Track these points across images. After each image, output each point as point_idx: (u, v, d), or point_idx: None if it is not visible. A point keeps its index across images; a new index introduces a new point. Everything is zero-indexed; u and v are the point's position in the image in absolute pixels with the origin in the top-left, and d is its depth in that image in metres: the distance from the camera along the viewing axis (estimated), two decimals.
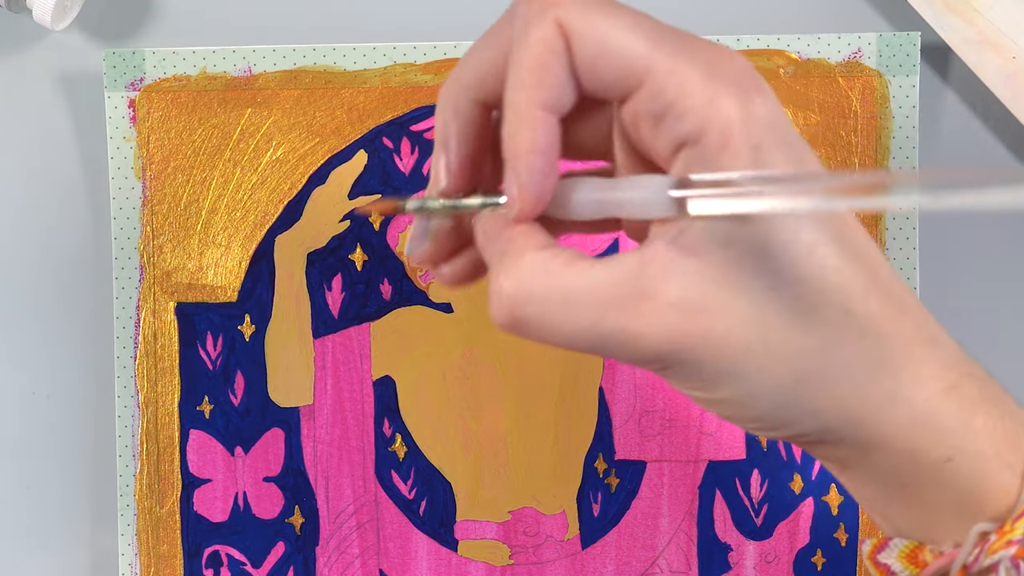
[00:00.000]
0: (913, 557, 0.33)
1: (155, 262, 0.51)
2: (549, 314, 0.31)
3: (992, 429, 0.31)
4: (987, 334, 0.51)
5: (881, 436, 0.32)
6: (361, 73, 0.50)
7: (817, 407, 0.31)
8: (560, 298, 0.31)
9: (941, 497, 0.32)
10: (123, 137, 0.51)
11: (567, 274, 0.31)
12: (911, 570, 0.33)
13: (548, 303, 0.31)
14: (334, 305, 0.51)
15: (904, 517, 0.33)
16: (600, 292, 0.30)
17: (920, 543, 0.33)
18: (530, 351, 0.51)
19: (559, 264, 0.31)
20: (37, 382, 0.53)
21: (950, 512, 0.32)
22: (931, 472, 0.32)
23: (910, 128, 0.49)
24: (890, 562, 0.34)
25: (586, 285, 0.31)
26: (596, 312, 0.30)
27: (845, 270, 0.31)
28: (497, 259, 0.32)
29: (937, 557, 0.32)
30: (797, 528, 0.50)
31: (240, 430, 0.51)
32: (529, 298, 0.31)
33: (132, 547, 0.51)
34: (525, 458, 0.51)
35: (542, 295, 0.31)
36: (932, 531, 0.33)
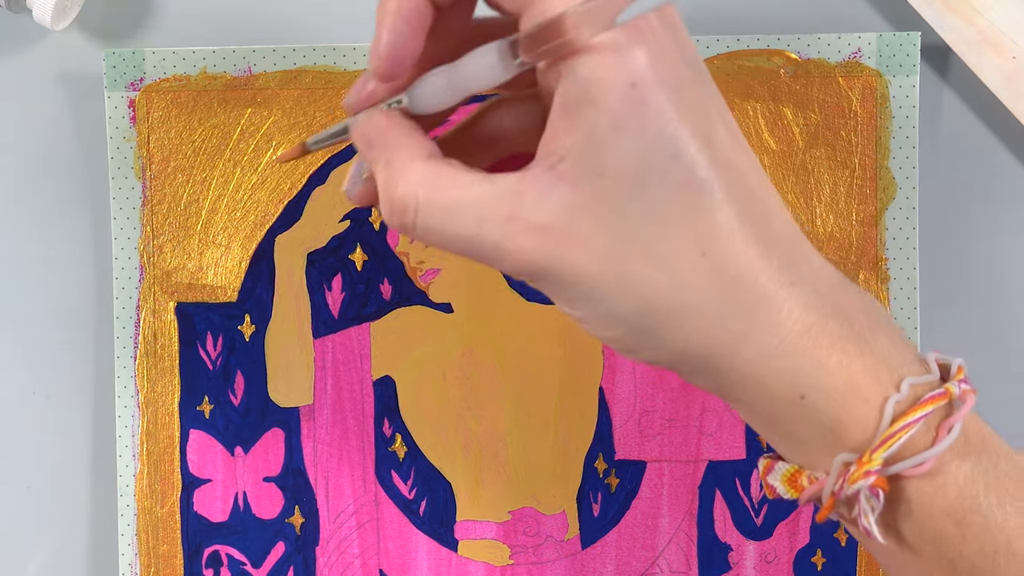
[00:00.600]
0: (793, 481, 0.35)
1: (155, 262, 0.51)
2: (433, 223, 0.33)
3: (848, 367, 0.33)
4: (987, 333, 0.51)
5: (734, 373, 0.33)
6: (361, 73, 0.50)
7: (668, 339, 0.33)
8: (443, 209, 0.33)
9: (803, 430, 0.33)
10: (123, 137, 0.51)
11: (451, 187, 0.33)
12: (791, 493, 0.35)
13: (432, 213, 0.33)
14: (334, 305, 0.51)
15: (779, 444, 0.35)
16: (478, 207, 0.33)
17: (800, 468, 0.35)
18: (530, 351, 0.51)
19: (445, 178, 0.33)
20: (37, 382, 0.53)
21: (816, 444, 0.34)
22: (788, 407, 0.33)
23: (910, 128, 0.49)
24: (775, 484, 0.35)
25: (467, 200, 0.33)
26: (474, 225, 0.33)
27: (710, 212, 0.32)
28: (384, 166, 0.34)
29: (813, 482, 0.34)
30: (797, 528, 0.50)
31: (240, 430, 0.51)
32: (416, 207, 0.33)
33: (132, 547, 0.51)
34: (525, 458, 0.51)
35: (427, 203, 0.33)
36: (807, 459, 0.34)
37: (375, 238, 0.51)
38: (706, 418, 0.50)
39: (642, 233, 0.32)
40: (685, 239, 0.32)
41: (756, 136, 0.50)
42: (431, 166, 0.33)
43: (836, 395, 0.33)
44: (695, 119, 0.32)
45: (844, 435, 0.33)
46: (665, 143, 0.32)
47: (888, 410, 0.32)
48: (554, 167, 0.32)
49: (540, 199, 0.32)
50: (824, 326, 0.33)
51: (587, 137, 0.32)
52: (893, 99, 0.49)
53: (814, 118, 0.50)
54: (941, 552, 0.34)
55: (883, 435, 0.32)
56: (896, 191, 0.49)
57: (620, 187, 0.32)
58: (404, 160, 0.34)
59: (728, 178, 0.32)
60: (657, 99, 0.31)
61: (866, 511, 0.33)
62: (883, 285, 0.49)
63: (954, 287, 0.51)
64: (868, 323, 0.33)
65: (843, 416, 0.33)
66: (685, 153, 0.32)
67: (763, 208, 0.33)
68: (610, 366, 0.51)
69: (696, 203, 0.32)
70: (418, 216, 0.33)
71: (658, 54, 0.31)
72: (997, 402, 0.41)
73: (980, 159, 0.51)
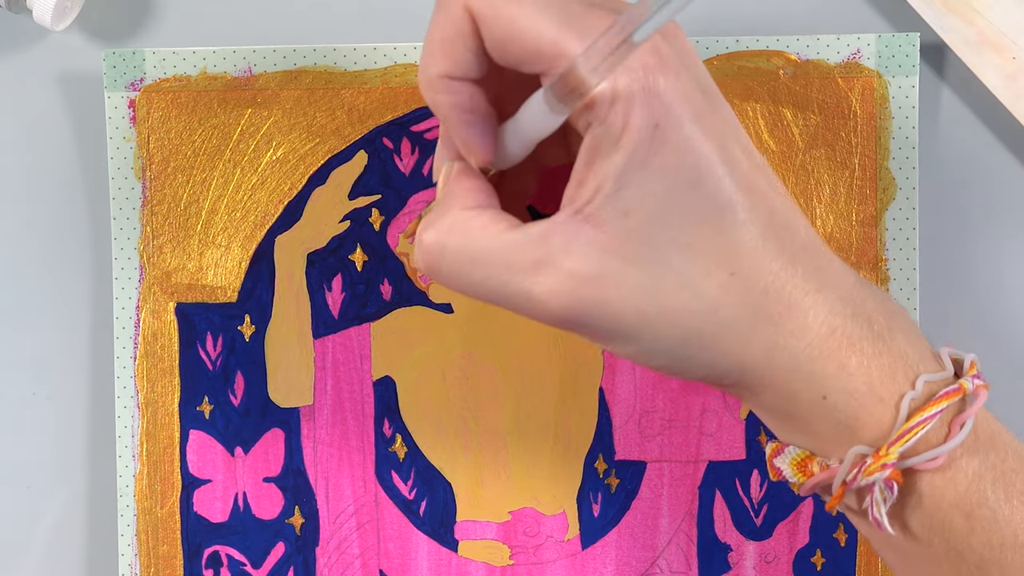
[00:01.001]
0: (803, 466, 0.36)
1: (155, 262, 0.51)
2: (459, 268, 0.34)
3: (867, 367, 0.34)
4: (987, 332, 0.51)
5: (764, 380, 0.35)
6: (361, 73, 0.50)
7: (709, 360, 0.34)
8: (469, 257, 0.34)
9: (822, 427, 0.35)
10: (123, 137, 0.51)
11: (480, 236, 0.34)
12: (799, 477, 0.36)
13: (459, 260, 0.34)
14: (334, 305, 0.51)
15: (795, 438, 0.36)
16: (507, 256, 0.33)
17: (811, 454, 0.36)
18: (530, 352, 0.51)
19: (476, 225, 0.34)
20: (37, 382, 0.53)
21: (832, 438, 0.35)
22: (810, 407, 0.35)
23: (910, 129, 0.49)
24: (783, 467, 0.37)
25: (495, 247, 0.34)
26: (503, 274, 0.33)
27: (734, 234, 0.33)
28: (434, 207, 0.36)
29: (824, 469, 0.35)
30: (797, 528, 0.50)
31: (240, 430, 0.51)
32: (442, 251, 0.34)
33: (132, 547, 0.51)
34: (525, 458, 0.51)
35: (453, 251, 0.34)
36: (818, 448, 0.36)
37: (375, 238, 0.51)
38: (706, 418, 0.50)
39: (672, 265, 0.33)
40: (713, 263, 0.33)
41: (756, 137, 0.50)
42: (467, 215, 0.35)
43: (856, 395, 0.34)
44: (714, 147, 0.33)
45: (860, 431, 0.34)
46: (688, 176, 0.32)
47: (904, 407, 0.34)
48: (580, 211, 0.33)
49: (568, 243, 0.33)
50: (846, 329, 0.34)
51: (612, 180, 0.32)
52: (893, 100, 0.49)
53: (814, 119, 0.50)
54: (950, 544, 0.35)
55: (899, 430, 0.34)
56: (896, 191, 0.50)
57: (646, 224, 0.33)
58: (447, 207, 0.35)
59: (749, 199, 0.33)
60: (679, 135, 0.32)
61: (878, 502, 0.34)
62: (883, 285, 0.50)
63: (954, 287, 0.51)
64: (886, 322, 0.35)
65: (861, 414, 0.34)
66: (708, 182, 0.33)
67: (785, 222, 0.34)
68: (610, 366, 0.51)
69: (720, 228, 0.33)
70: (444, 259, 0.34)
71: (676, 89, 0.32)
72: (997, 401, 0.41)
73: (980, 159, 0.51)
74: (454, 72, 0.34)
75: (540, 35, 0.32)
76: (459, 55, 0.34)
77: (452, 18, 0.34)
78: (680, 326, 0.33)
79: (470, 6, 0.33)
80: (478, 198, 0.35)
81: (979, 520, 0.34)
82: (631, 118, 0.32)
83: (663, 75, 0.32)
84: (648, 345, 0.34)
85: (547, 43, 0.32)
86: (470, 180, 0.36)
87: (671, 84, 0.32)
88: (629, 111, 0.32)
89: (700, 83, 0.34)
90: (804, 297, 0.34)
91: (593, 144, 0.33)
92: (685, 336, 0.34)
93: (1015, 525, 0.34)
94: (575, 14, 0.33)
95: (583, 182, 0.33)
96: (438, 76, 0.35)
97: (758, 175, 0.34)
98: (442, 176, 0.37)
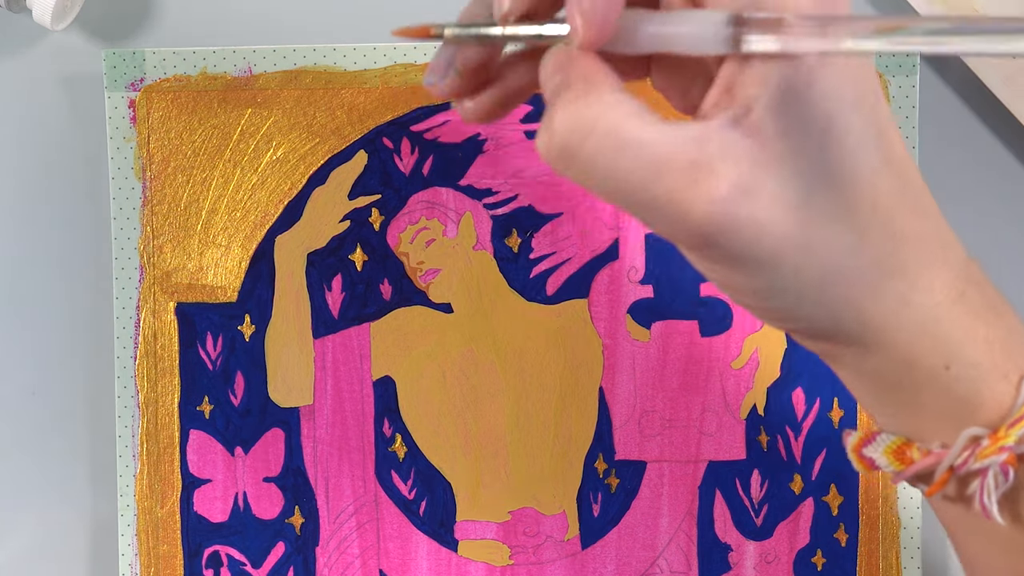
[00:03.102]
0: (900, 453, 0.33)
1: (155, 262, 0.51)
2: (604, 155, 0.30)
3: (992, 340, 0.32)
4: None
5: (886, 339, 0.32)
6: (361, 73, 0.50)
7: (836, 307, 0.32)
8: (619, 143, 0.30)
9: (935, 402, 0.32)
10: (123, 137, 0.51)
11: (633, 124, 0.30)
12: (896, 465, 0.34)
13: (606, 144, 0.30)
14: (334, 305, 0.51)
15: (894, 416, 0.34)
16: (659, 151, 0.30)
17: (908, 440, 0.33)
18: (530, 352, 0.51)
19: (627, 111, 0.30)
20: (37, 382, 0.53)
21: (942, 416, 0.33)
22: (928, 377, 0.32)
23: (910, 128, 0.49)
24: (875, 456, 0.34)
25: (649, 139, 0.30)
26: (649, 171, 0.30)
27: (884, 171, 0.31)
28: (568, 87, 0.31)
29: (925, 455, 0.33)
30: (797, 528, 0.50)
31: (240, 430, 0.51)
32: (589, 132, 0.30)
33: (132, 547, 0.51)
34: (525, 458, 0.51)
35: (602, 134, 0.30)
36: (921, 431, 0.33)
37: (375, 238, 0.51)
38: (706, 418, 0.50)
39: (822, 194, 0.30)
40: (861, 199, 0.31)
41: None
42: (618, 96, 0.30)
43: (980, 368, 0.32)
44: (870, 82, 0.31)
45: (978, 409, 0.32)
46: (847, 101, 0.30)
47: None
48: (739, 120, 0.30)
49: (726, 153, 0.30)
50: (972, 296, 0.32)
51: (777, 92, 0.30)
52: (893, 99, 0.49)
53: None
54: None
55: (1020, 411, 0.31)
56: None
57: (805, 146, 0.30)
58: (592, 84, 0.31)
59: (896, 139, 0.32)
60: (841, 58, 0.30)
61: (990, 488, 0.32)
62: None
63: None
64: (1000, 299, 0.33)
65: (983, 390, 0.32)
66: (863, 111, 0.31)
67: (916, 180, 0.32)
68: (610, 366, 0.51)
69: (868, 163, 0.31)
70: (588, 142, 0.30)
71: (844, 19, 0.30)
72: None
73: (980, 159, 0.51)
74: None
75: None
76: None
77: None
78: (822, 260, 0.31)
79: None
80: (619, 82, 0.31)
81: None
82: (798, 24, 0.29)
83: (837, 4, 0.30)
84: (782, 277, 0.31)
85: None
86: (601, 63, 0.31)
87: None
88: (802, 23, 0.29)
89: None
90: (935, 253, 0.32)
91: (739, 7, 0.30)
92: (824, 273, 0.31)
93: None
94: None
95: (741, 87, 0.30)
96: None
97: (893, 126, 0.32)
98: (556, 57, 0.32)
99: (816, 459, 0.50)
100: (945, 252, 0.32)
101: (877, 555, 0.50)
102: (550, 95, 0.31)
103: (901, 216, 0.31)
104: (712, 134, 0.30)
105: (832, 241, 0.31)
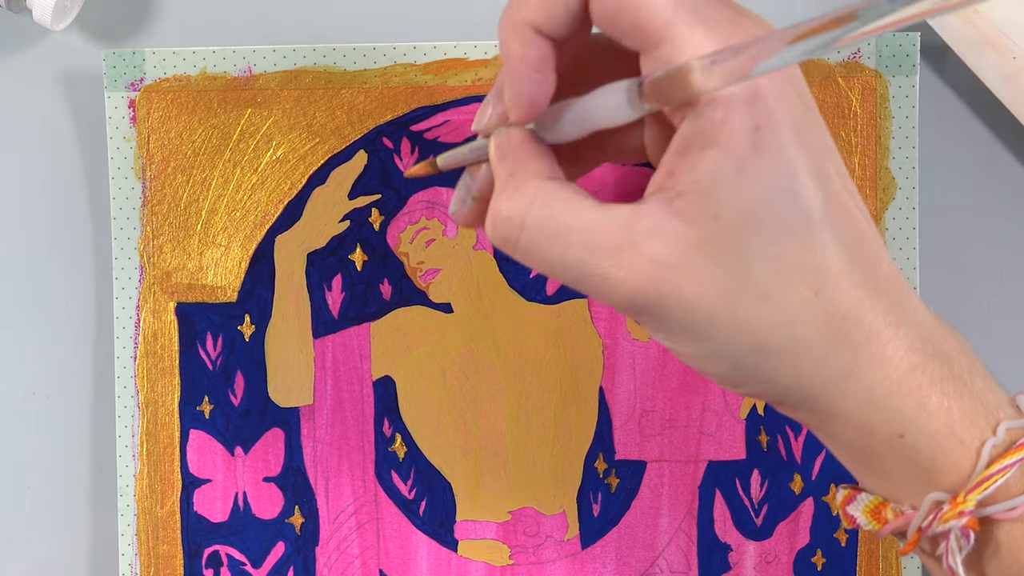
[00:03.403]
0: (876, 513, 0.35)
1: (155, 262, 0.51)
2: (538, 243, 0.33)
3: (948, 408, 0.33)
4: (987, 333, 0.51)
5: (836, 409, 0.33)
6: (361, 73, 0.50)
7: (774, 375, 0.33)
8: (552, 232, 0.33)
9: (897, 467, 0.34)
10: (123, 137, 0.51)
11: (563, 210, 0.32)
12: (873, 525, 0.35)
13: (540, 233, 0.33)
14: (334, 305, 0.51)
15: (866, 478, 0.35)
16: (589, 234, 0.32)
17: (884, 500, 0.35)
18: (530, 352, 0.51)
19: (558, 199, 0.33)
20: (37, 382, 0.53)
21: (907, 480, 0.34)
22: (885, 445, 0.33)
23: (910, 128, 0.49)
24: (856, 514, 0.35)
25: (578, 225, 0.32)
26: (582, 252, 0.32)
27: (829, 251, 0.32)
28: (504, 179, 0.34)
29: (898, 516, 0.34)
30: (797, 528, 0.50)
31: (240, 430, 0.51)
32: (523, 225, 0.33)
33: (132, 547, 0.51)
34: (525, 458, 0.51)
35: (536, 224, 0.33)
36: (894, 492, 0.35)
37: (375, 238, 0.51)
38: (706, 418, 0.50)
39: (755, 272, 0.32)
40: (798, 279, 0.32)
41: None
42: (550, 186, 0.33)
43: (936, 436, 0.33)
44: (812, 160, 0.32)
45: (938, 475, 0.33)
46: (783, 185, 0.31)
47: (985, 453, 0.33)
48: (670, 203, 0.32)
49: (655, 233, 0.32)
50: (926, 367, 0.33)
51: (707, 178, 0.31)
52: (893, 99, 0.49)
53: None
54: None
55: (978, 477, 0.33)
56: (896, 191, 0.49)
57: (736, 227, 0.31)
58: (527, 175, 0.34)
59: (840, 220, 0.32)
60: (779, 141, 0.31)
61: (954, 550, 0.33)
62: None
63: (954, 287, 0.51)
64: (966, 364, 0.34)
65: (939, 457, 0.33)
66: (803, 194, 0.32)
67: (871, 249, 0.33)
68: (610, 366, 0.51)
69: (810, 244, 0.32)
70: (523, 233, 0.33)
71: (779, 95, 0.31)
72: None
73: (980, 159, 0.51)
74: (543, 25, 0.33)
75: (655, 12, 0.31)
76: (555, 8, 0.33)
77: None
78: (754, 336, 0.32)
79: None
80: (553, 169, 0.34)
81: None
82: (731, 116, 0.31)
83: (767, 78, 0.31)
84: (715, 348, 0.33)
85: (659, 23, 0.31)
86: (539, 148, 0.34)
87: (775, 89, 0.31)
88: (730, 108, 0.31)
89: (801, 94, 0.32)
90: (885, 328, 0.33)
91: (688, 135, 0.31)
92: (756, 347, 0.32)
93: None
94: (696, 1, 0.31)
95: (674, 173, 0.32)
96: (524, 23, 0.33)
97: (849, 197, 0.33)
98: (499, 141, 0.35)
99: (816, 459, 0.50)
100: (898, 327, 0.33)
101: (877, 555, 0.50)
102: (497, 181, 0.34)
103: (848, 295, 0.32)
104: (643, 215, 0.32)
105: (764, 319, 0.32)
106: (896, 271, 0.34)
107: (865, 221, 0.33)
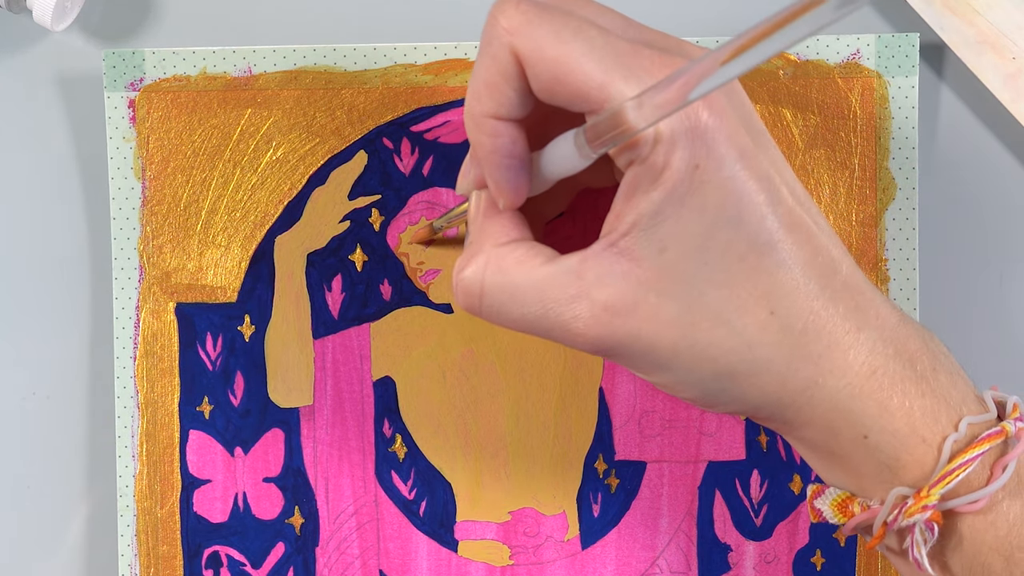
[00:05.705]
0: (843, 507, 0.36)
1: (155, 262, 0.51)
2: (499, 304, 0.35)
3: (909, 408, 0.34)
4: (987, 333, 0.51)
5: (803, 416, 0.35)
6: (361, 73, 0.50)
7: (741, 395, 0.34)
8: (508, 294, 0.35)
9: (863, 466, 0.35)
10: (123, 137, 0.51)
11: (516, 271, 0.35)
12: (839, 518, 0.36)
13: (499, 295, 0.35)
14: (334, 305, 0.51)
15: (836, 476, 0.36)
16: (543, 291, 0.34)
17: (851, 494, 0.36)
18: (530, 352, 0.51)
19: (512, 261, 0.35)
20: (37, 382, 0.52)
21: (873, 477, 0.35)
22: (852, 446, 0.35)
23: (909, 129, 0.49)
24: (823, 508, 0.37)
25: (531, 283, 0.34)
26: (539, 307, 0.34)
27: (775, 274, 0.33)
28: (467, 244, 0.37)
29: (865, 510, 0.35)
30: (797, 528, 0.50)
31: (240, 430, 0.51)
32: (481, 290, 0.35)
33: (132, 548, 0.51)
34: (525, 458, 0.51)
35: (493, 287, 0.35)
36: (861, 488, 0.36)
37: (375, 238, 0.51)
38: (706, 418, 0.50)
39: (708, 300, 0.33)
40: (752, 301, 0.33)
41: None
42: (501, 251, 0.35)
43: (898, 435, 0.34)
44: (758, 186, 0.33)
45: (901, 472, 0.35)
46: (729, 215, 0.32)
47: (946, 449, 0.34)
48: (615, 243, 0.33)
49: (602, 276, 0.33)
50: (887, 369, 0.34)
51: (649, 213, 0.32)
52: (892, 100, 0.49)
53: (813, 119, 0.50)
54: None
55: (941, 472, 0.34)
56: (896, 192, 0.50)
57: (683, 259, 0.33)
58: (484, 239, 0.36)
59: (792, 238, 0.33)
60: (720, 176, 0.32)
61: (919, 543, 0.34)
62: (883, 285, 0.50)
63: (954, 287, 0.51)
64: (929, 362, 0.35)
65: (902, 455, 0.34)
66: (749, 221, 0.33)
67: (828, 260, 0.34)
68: (610, 366, 0.51)
69: (760, 267, 0.33)
70: (483, 299, 0.35)
71: (721, 129, 0.32)
72: None
73: (980, 159, 0.51)
74: (499, 112, 0.34)
75: (587, 77, 0.32)
76: (504, 96, 0.34)
77: (498, 60, 0.34)
78: (714, 361, 0.34)
79: (516, 48, 0.33)
80: (510, 232, 0.36)
81: (1019, 564, 0.34)
82: (672, 158, 0.32)
83: (708, 114, 0.32)
84: (682, 376, 0.34)
85: (594, 86, 0.32)
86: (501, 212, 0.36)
87: (716, 124, 0.32)
88: (671, 151, 0.32)
89: (746, 122, 0.34)
90: (844, 336, 0.34)
91: (633, 180, 0.33)
92: (718, 372, 0.34)
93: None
94: (623, 53, 0.32)
95: (620, 216, 0.33)
96: (483, 116, 0.35)
97: (802, 213, 0.34)
98: (471, 207, 0.37)
99: None
100: (859, 332, 0.34)
101: (877, 555, 0.50)
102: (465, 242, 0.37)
103: (804, 309, 0.33)
104: (591, 264, 0.33)
105: (722, 344, 0.33)
106: (857, 275, 0.35)
107: (820, 231, 0.34)
